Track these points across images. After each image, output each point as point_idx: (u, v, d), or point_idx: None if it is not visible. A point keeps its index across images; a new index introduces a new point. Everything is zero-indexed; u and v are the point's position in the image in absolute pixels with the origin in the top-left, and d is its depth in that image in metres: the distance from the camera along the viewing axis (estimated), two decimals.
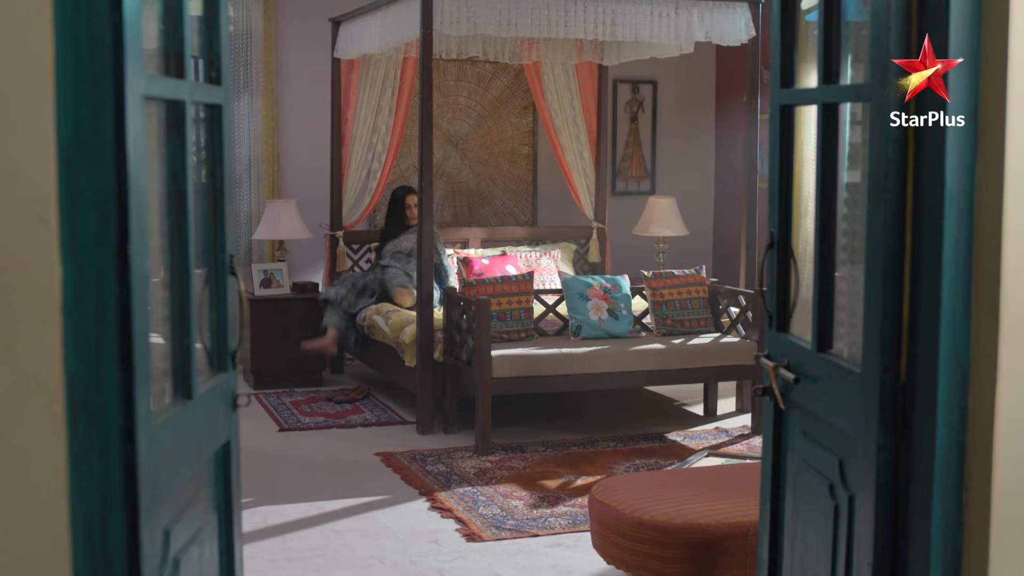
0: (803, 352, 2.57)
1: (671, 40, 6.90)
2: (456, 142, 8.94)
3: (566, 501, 5.50)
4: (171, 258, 2.08)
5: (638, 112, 9.59)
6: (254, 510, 5.38)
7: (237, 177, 8.47)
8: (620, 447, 6.49)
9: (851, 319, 2.45)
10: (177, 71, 2.06)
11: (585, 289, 6.90)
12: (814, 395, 2.54)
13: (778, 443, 2.75)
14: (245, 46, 8.34)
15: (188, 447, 2.10)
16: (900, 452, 2.19)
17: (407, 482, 5.81)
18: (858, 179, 2.41)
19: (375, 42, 7.25)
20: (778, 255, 2.70)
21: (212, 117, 2.31)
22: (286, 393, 7.80)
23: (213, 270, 2.32)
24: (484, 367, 6.27)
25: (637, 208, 9.18)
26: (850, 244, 2.43)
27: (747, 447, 6.51)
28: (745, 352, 6.81)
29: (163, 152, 2.05)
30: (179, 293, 2.09)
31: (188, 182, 2.07)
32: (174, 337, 2.09)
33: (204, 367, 2.32)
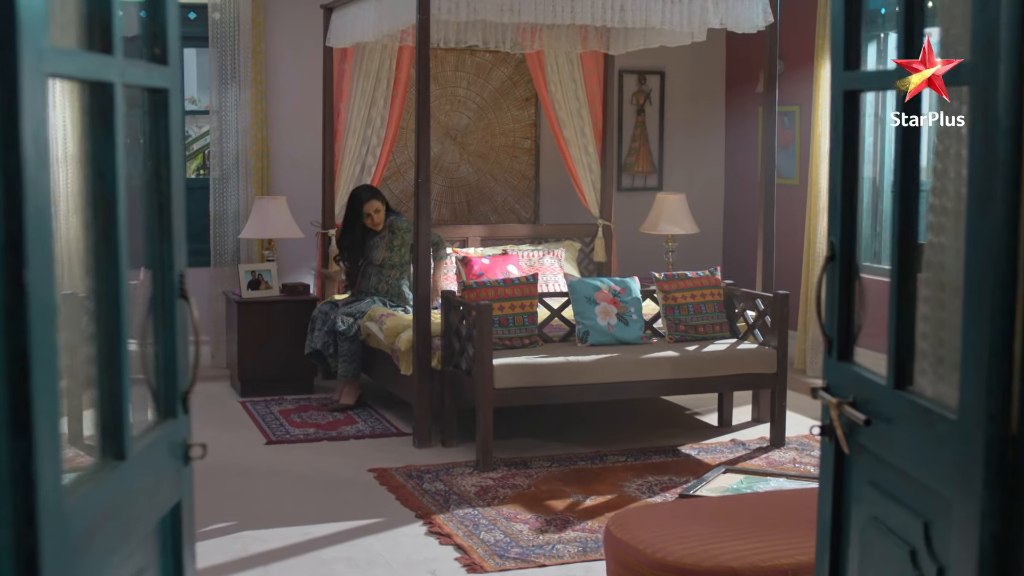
0: (875, 388, 2.14)
1: (683, 27, 6.50)
2: (455, 135, 8.55)
3: (575, 525, 5.07)
4: (97, 282, 1.64)
5: (645, 104, 9.19)
6: (236, 535, 4.96)
7: (224, 172, 8.10)
8: (631, 462, 6.06)
9: (936, 350, 2.02)
10: (102, 45, 1.62)
11: (593, 292, 6.47)
12: (889, 440, 2.11)
13: (839, 492, 2.32)
14: (232, 35, 8.01)
15: (121, 521, 1.67)
16: (1012, 521, 1.76)
17: (402, 503, 5.39)
18: (947, 180, 1.98)
19: (369, 30, 6.87)
20: (840, 269, 2.27)
21: (156, 104, 1.88)
22: (275, 401, 7.37)
23: (159, 293, 1.89)
24: (485, 377, 5.85)
25: (644, 205, 8.77)
26: (936, 259, 2.00)
27: (766, 462, 6.09)
28: (764, 360, 6.38)
29: (86, 147, 1.62)
30: (107, 326, 1.65)
31: (118, 184, 1.62)
32: (101, 383, 1.66)
33: (146, 416, 1.88)
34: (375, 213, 7.22)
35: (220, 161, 8.12)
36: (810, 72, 8.18)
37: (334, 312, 7.18)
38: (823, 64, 7.89)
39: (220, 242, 8.14)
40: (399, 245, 7.26)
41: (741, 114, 9.24)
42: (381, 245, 7.27)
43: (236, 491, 5.59)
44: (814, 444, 6.41)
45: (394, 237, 7.25)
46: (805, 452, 6.26)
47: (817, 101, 7.95)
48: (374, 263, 7.31)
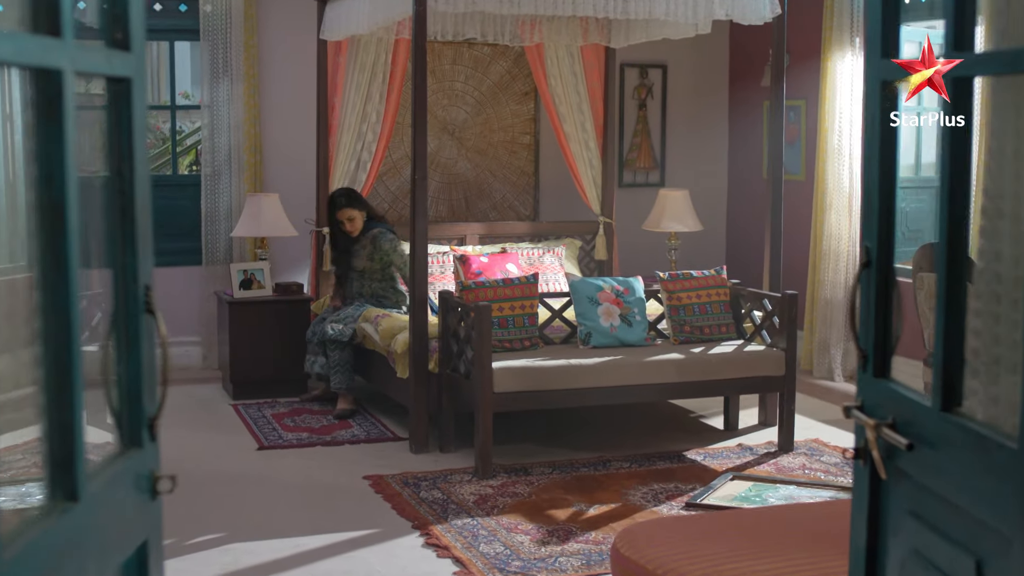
0: (917, 408, 1.94)
1: (688, 18, 6.29)
2: (452, 131, 8.34)
3: (578, 536, 4.87)
4: (45, 297, 1.43)
5: (646, 98, 8.99)
6: (225, 548, 4.76)
7: (216, 169, 7.91)
8: (635, 468, 5.86)
9: (990, 368, 1.82)
10: (49, 27, 1.41)
11: (595, 292, 6.26)
12: (934, 467, 1.90)
13: (875, 521, 2.12)
14: (224, 28, 7.84)
15: (75, 570, 1.46)
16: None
17: (399, 512, 5.18)
18: (1003, 181, 1.77)
19: (364, 22, 6.67)
20: (877, 277, 2.06)
21: (117, 95, 1.67)
22: (268, 404, 7.17)
23: (122, 308, 1.68)
24: (484, 380, 5.65)
25: (646, 201, 8.58)
26: (990, 267, 1.79)
27: (775, 468, 5.89)
28: (772, 362, 6.18)
29: (31, 146, 1.41)
30: (56, 348, 1.45)
31: (68, 187, 1.42)
32: (49, 414, 1.45)
33: (107, 446, 1.68)
34: (348, 221, 7.04)
35: (212, 157, 7.92)
36: (816, 65, 7.98)
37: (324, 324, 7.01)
38: (830, 57, 7.69)
39: (212, 240, 7.94)
40: (379, 259, 7.06)
41: (745, 108, 9.03)
42: (362, 255, 7.09)
43: (226, 500, 5.39)
44: (823, 449, 6.22)
45: (375, 251, 7.05)
46: (814, 457, 6.06)
47: (824, 95, 7.74)
48: (355, 269, 7.14)
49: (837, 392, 7.51)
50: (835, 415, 6.96)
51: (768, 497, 5.35)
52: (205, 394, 7.42)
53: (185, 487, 5.63)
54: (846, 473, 5.77)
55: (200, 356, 8.03)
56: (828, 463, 5.96)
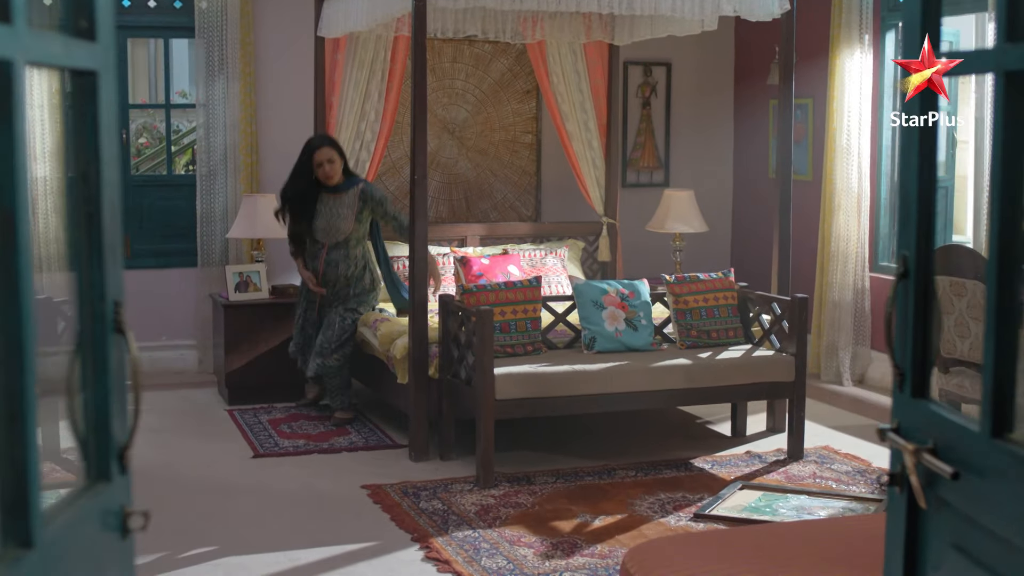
0: (962, 433, 1.77)
1: (694, 15, 6.13)
2: (452, 129, 8.18)
3: (583, 549, 4.70)
4: None
5: (651, 97, 8.83)
6: (216, 562, 4.60)
7: (211, 169, 7.75)
8: (641, 477, 5.69)
9: None
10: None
11: (600, 296, 6.09)
12: (981, 497, 1.74)
13: (912, 552, 1.95)
14: (220, 25, 7.70)
15: None
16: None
17: (398, 524, 5.02)
18: None
19: (362, 18, 6.51)
20: (915, 289, 1.90)
21: (81, 89, 1.50)
22: (264, 409, 7.00)
23: (88, 328, 1.51)
24: (486, 386, 5.48)
25: (650, 202, 8.41)
26: None
27: (785, 477, 5.72)
28: (781, 367, 6.01)
29: None
30: (5, 375, 1.28)
31: (19, 194, 1.25)
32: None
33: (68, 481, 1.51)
34: (328, 163, 6.42)
35: (207, 157, 7.76)
36: (824, 63, 7.82)
37: (309, 326, 6.76)
38: (839, 54, 7.53)
39: (207, 242, 7.77)
40: (366, 218, 6.55)
41: (751, 107, 8.87)
42: (347, 215, 6.49)
43: (219, 511, 5.22)
44: (834, 457, 6.05)
45: (363, 207, 6.52)
46: (825, 466, 5.89)
47: (832, 93, 7.59)
48: (330, 237, 6.50)
49: (845, 397, 7.35)
50: (844, 421, 6.80)
51: (779, 507, 5.19)
52: (200, 399, 7.26)
53: (176, 497, 5.50)
54: (858, 482, 5.61)
55: (195, 360, 7.87)
56: (839, 471, 5.79)
